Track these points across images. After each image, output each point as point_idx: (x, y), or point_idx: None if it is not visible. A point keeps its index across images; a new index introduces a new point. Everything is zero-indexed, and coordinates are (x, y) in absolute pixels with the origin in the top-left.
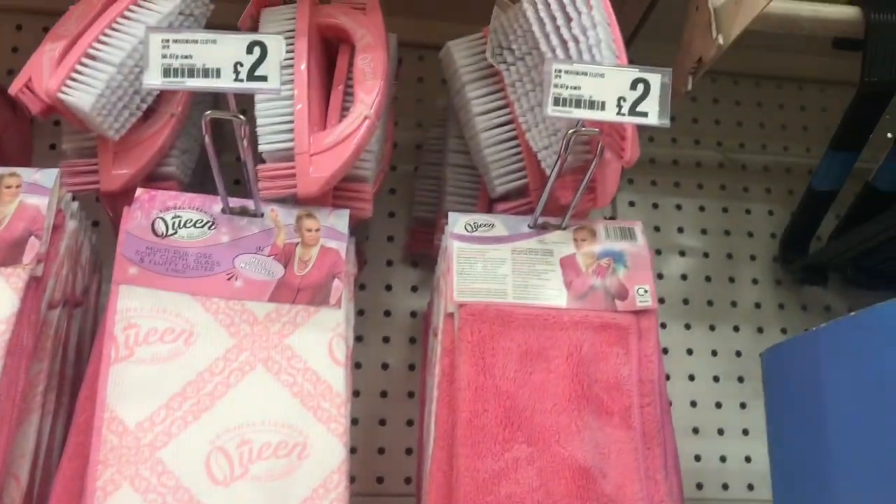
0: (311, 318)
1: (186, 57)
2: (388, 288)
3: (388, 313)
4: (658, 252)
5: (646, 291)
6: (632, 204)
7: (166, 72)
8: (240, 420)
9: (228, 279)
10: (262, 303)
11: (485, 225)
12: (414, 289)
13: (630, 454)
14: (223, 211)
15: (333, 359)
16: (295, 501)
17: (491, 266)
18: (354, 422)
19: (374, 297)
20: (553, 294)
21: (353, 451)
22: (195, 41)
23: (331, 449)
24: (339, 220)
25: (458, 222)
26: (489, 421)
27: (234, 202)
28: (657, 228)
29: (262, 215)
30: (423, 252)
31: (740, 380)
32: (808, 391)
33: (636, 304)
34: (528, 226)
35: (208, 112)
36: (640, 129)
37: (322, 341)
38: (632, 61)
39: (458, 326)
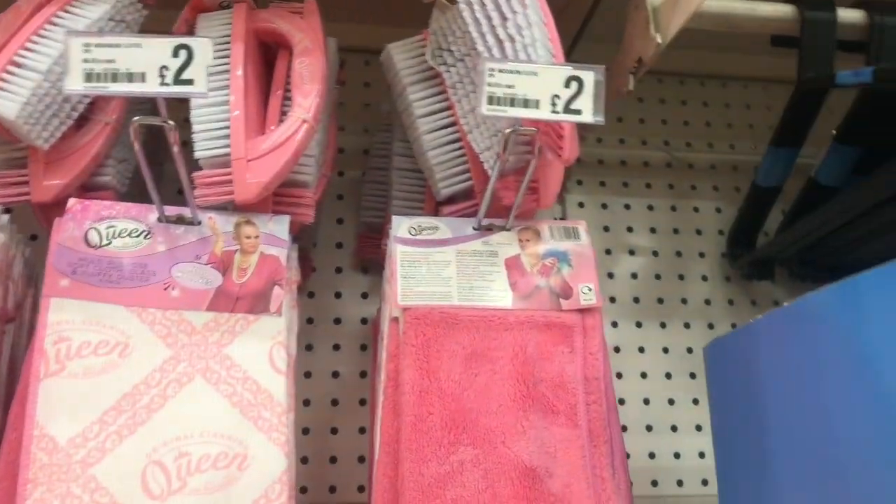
0: (250, 327)
1: (109, 61)
2: (338, 295)
3: (338, 321)
4: (608, 252)
5: (590, 290)
6: (581, 205)
7: (88, 77)
8: (178, 432)
9: (165, 289)
10: (200, 312)
11: (429, 228)
12: (364, 295)
13: (576, 452)
14: (159, 220)
15: (274, 367)
16: None
17: (435, 269)
18: (305, 431)
19: (323, 305)
20: (498, 295)
21: (304, 460)
22: (118, 45)
23: (272, 459)
24: (278, 227)
25: (401, 226)
26: (434, 424)
27: (171, 210)
28: (606, 228)
29: (200, 223)
30: (372, 258)
31: (692, 376)
32: (749, 382)
33: (580, 302)
34: (473, 228)
35: (136, 118)
36: (588, 130)
37: (262, 350)
38: (574, 62)
39: (403, 330)
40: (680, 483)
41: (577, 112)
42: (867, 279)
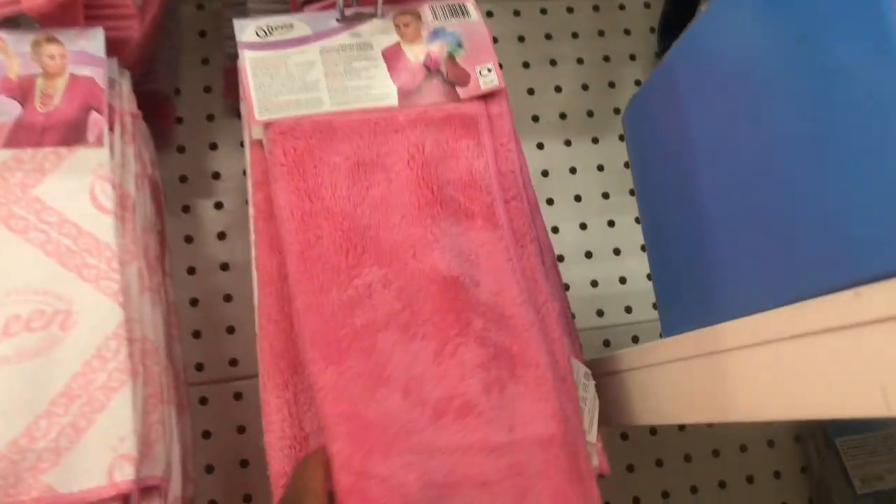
0: (63, 162)
1: None
2: (213, 146)
3: (216, 175)
4: (526, 65)
5: (489, 70)
6: (490, 14)
7: None
8: None
9: None
10: None
11: (281, 27)
12: (243, 144)
13: (501, 255)
14: None
15: (98, 205)
16: (62, 380)
17: (297, 72)
18: (194, 302)
19: (197, 159)
20: (380, 93)
21: (196, 334)
22: None
23: (104, 312)
24: (91, 43)
25: (246, 29)
26: (325, 249)
27: None
28: (522, 38)
29: None
30: None
31: (632, 193)
32: (673, 128)
33: (480, 87)
34: (336, 20)
35: None
36: None
37: (80, 187)
38: None
39: (268, 150)
40: (628, 310)
41: None
42: None
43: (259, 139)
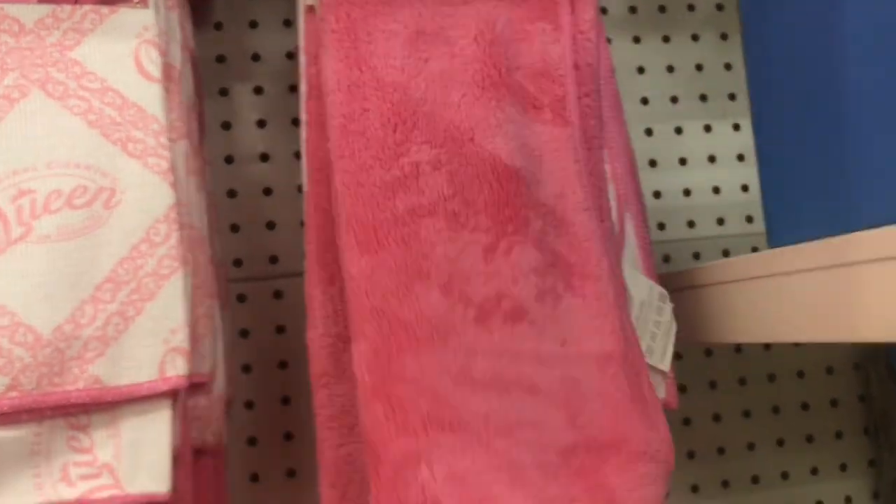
0: (105, 22)
1: None
2: (253, 25)
3: (256, 57)
4: None
5: None
6: None
7: None
8: (14, 165)
9: None
10: (29, 5)
11: None
12: (286, 23)
13: (568, 155)
14: None
15: (144, 73)
16: (108, 264)
17: None
18: (232, 194)
19: (235, 39)
20: None
21: (234, 228)
22: None
23: (152, 191)
24: None
25: None
26: (371, 123)
27: None
28: None
29: None
30: None
31: (703, 98)
32: (812, 13)
33: None
34: None
35: None
36: None
37: (124, 51)
38: None
39: (320, 17)
40: (691, 224)
41: None
42: None
43: (312, 4)
